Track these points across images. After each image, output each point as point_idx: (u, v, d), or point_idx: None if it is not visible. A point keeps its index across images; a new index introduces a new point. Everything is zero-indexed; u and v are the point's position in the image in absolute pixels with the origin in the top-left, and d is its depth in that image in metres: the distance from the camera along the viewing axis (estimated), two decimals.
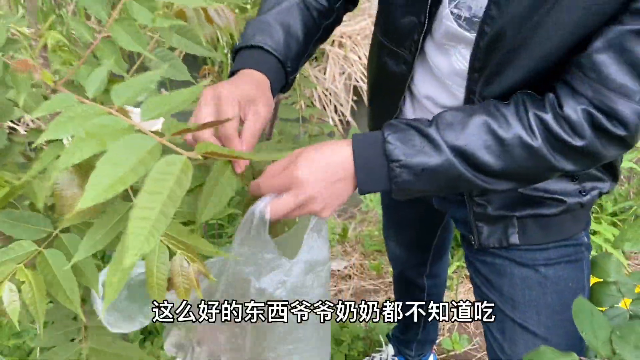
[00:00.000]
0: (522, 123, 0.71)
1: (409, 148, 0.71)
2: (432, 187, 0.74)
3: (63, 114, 0.56)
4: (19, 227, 0.73)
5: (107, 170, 0.49)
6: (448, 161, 0.71)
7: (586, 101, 0.68)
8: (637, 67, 0.65)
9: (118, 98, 0.59)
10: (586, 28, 0.68)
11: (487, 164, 0.71)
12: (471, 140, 0.70)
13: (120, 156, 0.50)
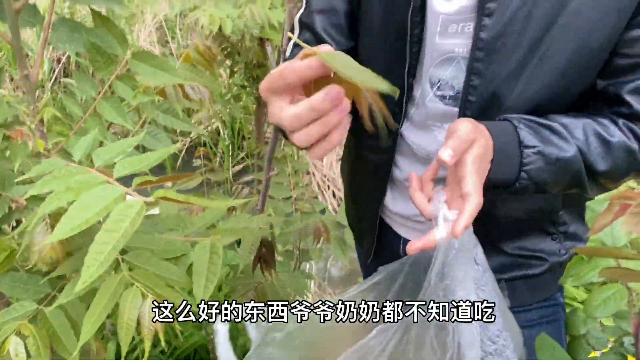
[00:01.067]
0: (621, 130, 0.75)
1: (541, 138, 0.72)
2: (557, 178, 0.74)
3: (50, 174, 0.66)
4: (20, 288, 0.81)
5: (77, 213, 0.58)
6: (575, 156, 0.73)
7: None
8: None
9: (98, 159, 0.68)
10: (572, 78, 0.74)
11: (595, 165, 0.74)
12: (584, 141, 0.73)
13: (89, 203, 0.59)
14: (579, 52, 0.72)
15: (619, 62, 0.73)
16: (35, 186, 0.64)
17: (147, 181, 0.62)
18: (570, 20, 0.70)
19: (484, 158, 0.68)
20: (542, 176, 0.72)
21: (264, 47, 1.47)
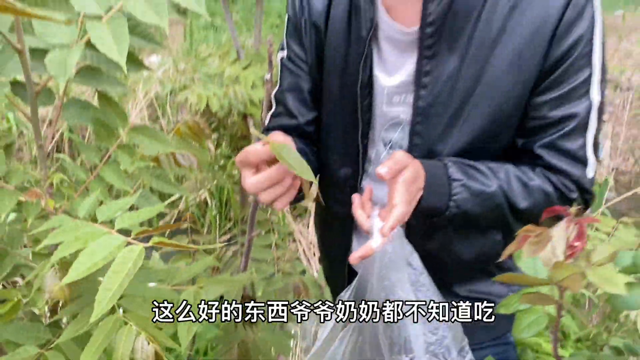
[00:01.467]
0: (538, 175, 0.89)
1: (466, 174, 0.86)
2: (478, 212, 0.87)
3: (59, 228, 0.77)
4: (23, 335, 0.90)
5: (87, 258, 0.69)
6: (497, 191, 0.86)
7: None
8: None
9: (101, 216, 0.80)
10: (492, 135, 0.89)
11: (515, 202, 0.87)
12: (506, 182, 0.87)
13: (96, 250, 0.70)
14: (494, 115, 0.88)
15: (530, 124, 0.89)
16: (48, 238, 0.75)
17: (145, 230, 0.73)
18: (485, 90, 0.86)
19: (414, 182, 0.82)
20: (467, 206, 0.86)
21: (246, 122, 1.63)
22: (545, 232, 0.59)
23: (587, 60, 0.84)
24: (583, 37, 0.82)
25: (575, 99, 0.86)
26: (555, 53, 0.83)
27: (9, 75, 0.80)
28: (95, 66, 0.85)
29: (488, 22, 0.84)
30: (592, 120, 0.87)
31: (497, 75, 0.85)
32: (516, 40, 0.84)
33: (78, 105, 0.87)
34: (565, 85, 0.85)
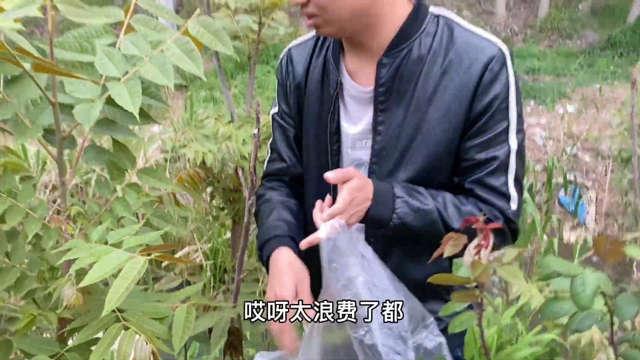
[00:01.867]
0: (470, 204, 1.06)
1: (409, 194, 1.03)
2: (417, 225, 1.03)
3: (76, 248, 0.93)
4: (36, 347, 1.05)
5: (100, 269, 0.85)
6: (433, 209, 1.03)
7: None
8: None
9: (111, 239, 0.96)
10: (431, 173, 1.08)
11: (449, 222, 1.04)
12: (443, 204, 1.05)
13: (108, 262, 0.86)
14: (431, 156, 1.07)
15: (462, 165, 1.07)
16: (68, 254, 0.91)
17: (147, 248, 0.90)
18: (423, 137, 1.06)
19: (358, 190, 0.99)
20: (407, 219, 1.03)
21: (237, 175, 1.82)
22: (462, 237, 0.76)
23: (505, 114, 1.04)
24: (498, 95, 1.02)
25: (496, 144, 1.04)
26: (476, 108, 1.03)
27: (43, 123, 0.99)
28: (111, 118, 1.04)
29: (425, 84, 1.04)
30: (511, 162, 1.05)
31: (432, 125, 1.05)
32: (446, 98, 1.04)
33: (96, 150, 1.06)
34: (487, 134, 1.04)
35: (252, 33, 1.78)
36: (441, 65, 1.03)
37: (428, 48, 1.04)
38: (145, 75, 0.95)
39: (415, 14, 1.06)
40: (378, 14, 1.04)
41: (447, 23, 1.06)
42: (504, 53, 1.04)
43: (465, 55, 1.03)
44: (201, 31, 1.01)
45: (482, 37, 1.05)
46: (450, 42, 1.04)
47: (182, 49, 0.98)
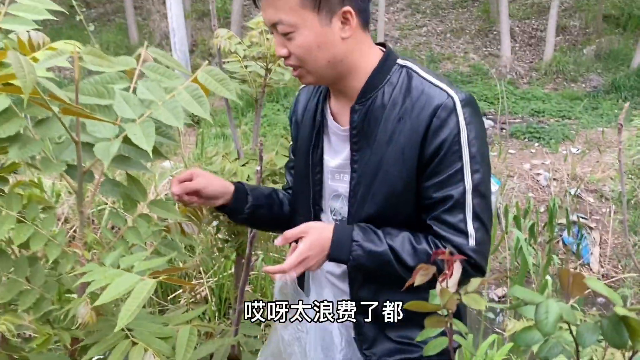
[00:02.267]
0: (427, 242, 1.15)
1: (365, 238, 1.15)
2: (372, 266, 1.15)
3: (92, 271, 1.04)
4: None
5: (113, 289, 0.95)
6: (385, 251, 1.14)
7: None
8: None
9: (123, 264, 1.07)
10: (392, 206, 1.19)
11: (404, 260, 1.13)
12: (399, 244, 1.14)
13: (120, 284, 0.97)
14: (390, 192, 1.17)
15: (423, 202, 1.17)
16: (84, 277, 1.02)
17: (155, 272, 1.00)
18: (383, 174, 1.17)
19: (311, 247, 1.13)
20: (362, 260, 1.15)
21: None
22: (431, 268, 0.86)
23: (458, 156, 1.11)
24: (447, 139, 1.10)
25: (451, 184, 1.12)
26: (427, 151, 1.12)
27: (66, 159, 1.10)
28: (126, 155, 1.16)
29: (385, 128, 1.16)
30: (468, 200, 1.12)
31: (390, 164, 1.16)
32: (400, 141, 1.14)
33: (111, 183, 1.17)
34: (442, 174, 1.12)
35: (259, 78, 1.91)
36: (398, 111, 1.15)
37: (389, 96, 1.16)
38: (159, 117, 1.08)
39: (382, 65, 1.18)
40: (351, 64, 1.17)
41: (408, 73, 1.18)
42: (453, 100, 1.12)
43: (418, 103, 1.13)
44: (209, 79, 1.13)
45: (435, 86, 1.15)
46: (407, 90, 1.15)
47: (192, 95, 1.10)
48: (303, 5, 1.09)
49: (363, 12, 1.15)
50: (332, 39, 1.12)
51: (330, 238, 1.15)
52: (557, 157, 6.89)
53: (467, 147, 1.12)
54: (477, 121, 1.15)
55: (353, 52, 1.16)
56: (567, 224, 5.36)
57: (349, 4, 1.11)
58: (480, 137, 1.15)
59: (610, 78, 9.72)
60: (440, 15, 12.53)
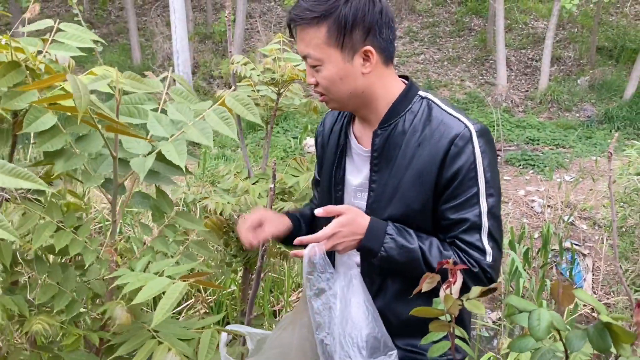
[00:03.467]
0: (453, 250, 1.24)
1: (399, 233, 1.24)
2: (401, 260, 1.23)
3: (124, 275, 1.14)
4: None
5: (147, 291, 1.05)
6: (416, 249, 1.22)
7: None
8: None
9: (152, 269, 1.17)
10: (410, 221, 1.28)
11: (430, 261, 1.23)
12: (428, 247, 1.23)
13: (153, 286, 1.07)
14: (406, 214, 1.27)
15: (442, 223, 1.27)
16: (118, 280, 1.12)
17: (185, 276, 1.10)
18: (400, 197, 1.27)
19: (345, 225, 1.22)
20: (393, 253, 1.23)
21: None
22: (436, 277, 0.96)
23: (474, 182, 1.21)
24: (463, 166, 1.20)
25: (468, 207, 1.22)
26: (445, 176, 1.21)
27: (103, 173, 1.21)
28: (156, 170, 1.27)
29: (404, 152, 1.26)
30: (484, 221, 1.22)
31: (407, 187, 1.26)
32: (418, 165, 1.24)
33: (141, 195, 1.28)
34: (459, 198, 1.22)
35: (270, 101, 2.04)
36: (418, 138, 1.25)
37: (410, 123, 1.27)
38: (190, 137, 1.19)
39: (405, 95, 1.30)
40: (372, 95, 1.29)
41: (429, 104, 1.29)
42: (470, 131, 1.22)
43: (437, 132, 1.24)
44: (235, 103, 1.25)
45: (454, 117, 1.25)
46: (428, 119, 1.26)
47: (220, 117, 1.22)
48: (328, 44, 1.21)
49: (385, 50, 1.26)
50: (354, 73, 1.24)
51: (365, 225, 1.24)
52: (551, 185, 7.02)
53: (482, 173, 1.22)
54: (490, 149, 1.25)
55: (374, 84, 1.27)
56: (560, 250, 5.47)
57: (370, 44, 1.22)
58: (493, 164, 1.25)
59: (604, 108, 9.92)
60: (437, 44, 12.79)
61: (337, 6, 1.20)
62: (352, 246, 1.25)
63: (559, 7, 9.79)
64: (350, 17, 1.19)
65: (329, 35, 1.21)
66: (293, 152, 7.67)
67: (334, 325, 1.18)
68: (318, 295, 1.21)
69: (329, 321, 1.20)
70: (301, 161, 2.06)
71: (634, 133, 9.19)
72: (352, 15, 1.19)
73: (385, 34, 1.24)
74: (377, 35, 1.22)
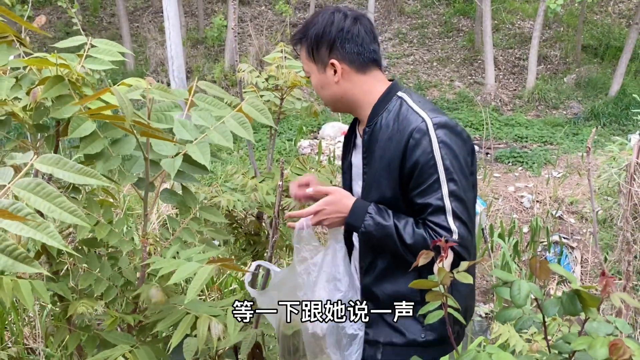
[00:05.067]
0: (425, 229, 1.39)
1: (377, 212, 1.41)
2: (377, 235, 1.40)
3: (157, 261, 1.30)
4: (119, 339, 1.39)
5: (180, 274, 1.22)
6: (390, 226, 1.39)
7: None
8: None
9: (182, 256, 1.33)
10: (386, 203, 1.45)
11: (404, 238, 1.38)
12: (403, 225, 1.39)
13: (185, 269, 1.23)
14: (382, 198, 1.44)
15: (413, 208, 1.41)
16: (153, 266, 1.28)
17: (211, 260, 1.26)
18: (377, 184, 1.44)
19: (330, 204, 1.44)
20: (371, 229, 1.41)
21: (260, 219, 2.19)
22: (430, 253, 1.13)
23: (434, 169, 1.36)
24: (421, 156, 1.35)
25: (431, 192, 1.37)
26: (406, 166, 1.38)
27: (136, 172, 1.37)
28: (182, 170, 1.43)
29: (379, 146, 1.44)
30: (447, 204, 1.36)
31: (380, 176, 1.44)
32: (387, 157, 1.41)
33: (169, 192, 1.44)
34: (422, 185, 1.37)
35: (274, 106, 2.20)
36: (389, 133, 1.43)
37: (385, 120, 1.45)
38: (212, 139, 1.35)
39: (384, 97, 1.47)
40: (352, 99, 1.48)
41: (401, 102, 1.46)
42: (427, 124, 1.38)
43: (401, 127, 1.41)
44: (251, 110, 1.42)
45: (415, 113, 1.42)
46: (397, 116, 1.43)
47: (238, 122, 1.38)
48: (308, 59, 1.49)
49: (353, 61, 1.45)
50: (329, 82, 1.47)
51: (349, 205, 1.44)
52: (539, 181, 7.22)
53: (441, 160, 1.37)
54: (451, 139, 1.40)
55: (351, 90, 1.47)
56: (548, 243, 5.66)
57: (334, 57, 1.44)
58: (454, 152, 1.39)
59: (590, 105, 10.16)
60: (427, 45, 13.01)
61: (307, 29, 1.47)
62: (338, 223, 1.45)
63: (544, 7, 10.03)
64: (314, 37, 1.45)
65: (307, 53, 1.48)
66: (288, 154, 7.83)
67: (308, 287, 1.39)
68: (302, 262, 1.43)
69: (306, 284, 1.41)
70: (304, 160, 2.23)
71: (619, 129, 9.42)
72: (314, 35, 1.45)
73: (348, 47, 1.44)
74: (340, 49, 1.43)
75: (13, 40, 1.37)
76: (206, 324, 1.26)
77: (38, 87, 1.25)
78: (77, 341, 1.46)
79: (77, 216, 0.88)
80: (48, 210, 0.87)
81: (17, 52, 1.34)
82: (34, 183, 0.88)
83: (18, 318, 2.69)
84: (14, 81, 1.29)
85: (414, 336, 1.48)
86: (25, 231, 0.80)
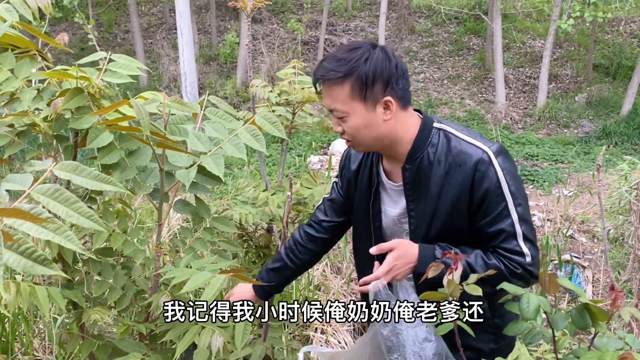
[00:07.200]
0: (496, 258, 1.40)
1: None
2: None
3: (170, 271, 1.32)
4: (131, 348, 1.41)
5: (192, 283, 1.24)
6: (463, 264, 1.31)
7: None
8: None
9: (194, 266, 1.35)
10: (450, 237, 1.45)
11: (477, 272, 1.36)
12: (473, 260, 1.39)
13: (197, 278, 1.25)
14: (446, 230, 1.44)
15: (482, 237, 1.42)
16: (166, 275, 1.30)
17: (224, 270, 1.28)
18: (439, 219, 1.44)
19: (399, 258, 1.40)
20: (442, 274, 1.33)
21: (271, 232, 2.21)
22: (439, 265, 1.15)
23: (502, 197, 1.37)
24: (490, 187, 1.37)
25: (501, 219, 1.38)
26: (475, 198, 1.38)
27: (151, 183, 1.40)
28: (196, 181, 1.46)
29: (434, 181, 1.43)
30: (517, 229, 1.38)
31: (443, 210, 1.42)
32: (451, 192, 1.41)
33: (183, 203, 1.47)
34: (492, 214, 1.39)
35: (286, 121, 2.23)
36: (444, 168, 1.42)
37: (434, 156, 1.44)
38: (226, 151, 1.38)
39: (422, 131, 1.46)
40: (394, 137, 1.44)
41: (446, 135, 1.45)
42: (488, 154, 1.39)
43: (460, 160, 1.41)
44: (263, 122, 1.44)
45: (470, 144, 1.42)
46: (448, 150, 1.43)
47: (251, 134, 1.41)
48: (352, 98, 1.36)
49: (402, 98, 1.41)
50: (377, 121, 1.39)
51: (416, 254, 1.42)
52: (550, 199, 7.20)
53: (507, 187, 1.38)
54: (509, 164, 1.42)
55: (395, 128, 1.43)
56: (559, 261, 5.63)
57: (389, 94, 1.37)
58: (515, 175, 1.42)
59: (601, 124, 10.14)
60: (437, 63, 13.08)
61: (357, 65, 1.35)
62: (408, 273, 1.42)
63: (555, 26, 10.06)
64: (371, 74, 1.34)
65: (352, 91, 1.36)
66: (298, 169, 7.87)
67: (403, 347, 1.38)
68: (386, 325, 1.40)
69: (398, 345, 1.39)
70: (314, 175, 2.25)
71: (632, 148, 9.38)
72: (372, 72, 1.34)
73: (401, 84, 1.40)
74: (394, 86, 1.38)
75: (35, 55, 1.41)
76: (208, 336, 1.27)
77: (59, 98, 1.29)
78: (90, 349, 1.48)
79: (95, 221, 0.90)
80: (66, 215, 0.90)
81: (39, 65, 1.38)
82: (53, 189, 0.91)
83: (29, 329, 2.72)
84: (36, 92, 1.33)
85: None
86: (44, 234, 0.82)
